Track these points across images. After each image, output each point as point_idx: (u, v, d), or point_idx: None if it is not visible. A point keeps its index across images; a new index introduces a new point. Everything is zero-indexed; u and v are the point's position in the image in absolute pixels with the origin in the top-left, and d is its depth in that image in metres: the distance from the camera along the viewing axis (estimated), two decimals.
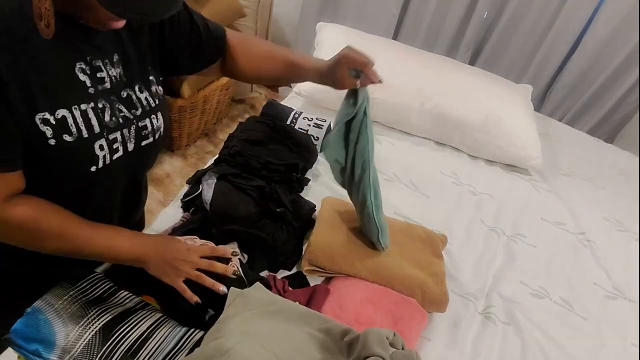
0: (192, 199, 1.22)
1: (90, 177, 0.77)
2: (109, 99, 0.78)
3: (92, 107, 0.75)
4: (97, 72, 0.77)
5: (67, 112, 0.71)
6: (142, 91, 0.85)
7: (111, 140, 0.78)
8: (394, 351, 0.80)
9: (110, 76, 0.79)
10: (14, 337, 0.79)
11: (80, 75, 0.74)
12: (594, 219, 1.65)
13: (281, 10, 3.00)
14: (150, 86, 0.87)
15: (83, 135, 0.73)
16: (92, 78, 0.76)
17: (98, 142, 0.76)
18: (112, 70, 0.79)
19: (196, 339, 0.86)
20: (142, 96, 0.84)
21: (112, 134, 0.78)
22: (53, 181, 0.77)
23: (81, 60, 0.74)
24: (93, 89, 0.75)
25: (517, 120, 1.80)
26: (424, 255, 1.22)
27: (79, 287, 0.89)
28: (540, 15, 2.40)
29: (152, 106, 0.86)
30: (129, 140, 0.82)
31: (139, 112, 0.84)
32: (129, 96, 0.82)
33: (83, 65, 0.74)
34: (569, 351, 1.16)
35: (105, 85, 0.78)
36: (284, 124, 1.52)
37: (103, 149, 0.77)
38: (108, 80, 0.78)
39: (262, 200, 1.24)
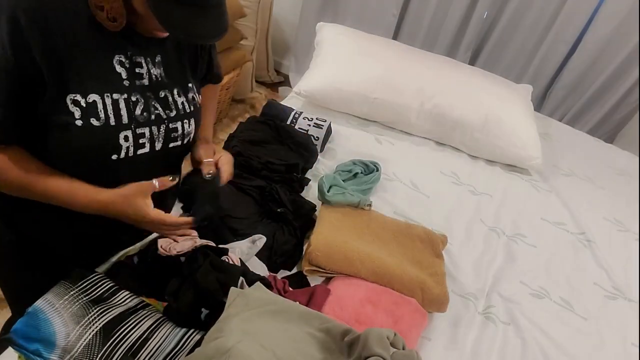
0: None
1: (111, 166, 0.79)
2: (145, 95, 0.81)
3: (125, 99, 0.77)
4: (136, 67, 0.79)
5: (99, 98, 0.74)
6: (180, 95, 0.87)
7: (138, 134, 0.80)
8: (394, 351, 0.80)
9: (151, 74, 0.82)
10: (15, 336, 0.79)
11: (117, 67, 0.77)
12: (594, 219, 1.65)
13: (281, 10, 3.00)
14: (188, 92, 0.90)
15: (110, 123, 0.76)
16: (130, 72, 0.78)
17: (124, 132, 0.78)
18: (153, 69, 0.82)
19: (196, 339, 0.86)
20: (179, 100, 0.87)
21: (140, 128, 0.80)
22: (74, 163, 0.78)
23: (121, 53, 0.77)
24: (128, 82, 0.78)
25: (517, 120, 1.80)
26: (424, 255, 1.22)
27: (80, 287, 0.89)
28: (540, 15, 2.41)
29: (187, 111, 0.89)
30: (157, 139, 0.84)
31: (173, 113, 0.86)
32: (166, 97, 0.85)
33: (122, 58, 0.77)
34: (569, 351, 1.16)
35: (144, 82, 0.81)
36: (284, 124, 1.52)
37: (128, 140, 0.79)
38: (147, 77, 0.81)
39: (262, 200, 1.24)
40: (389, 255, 1.17)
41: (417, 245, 1.24)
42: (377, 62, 1.81)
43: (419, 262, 1.19)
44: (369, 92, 1.73)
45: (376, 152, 1.63)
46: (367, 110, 1.78)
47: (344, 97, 1.75)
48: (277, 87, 3.22)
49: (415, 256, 1.20)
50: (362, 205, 1.28)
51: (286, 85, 3.21)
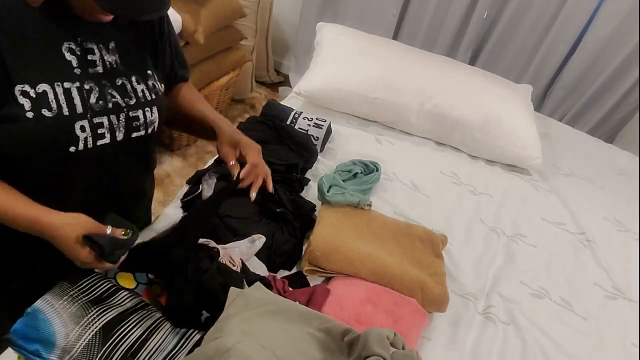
0: (192, 199, 1.21)
1: (71, 159, 0.76)
2: (100, 83, 0.78)
3: (77, 87, 0.74)
4: (88, 54, 0.76)
5: (49, 88, 0.71)
6: (139, 82, 0.84)
7: (96, 124, 0.77)
8: (394, 351, 0.80)
9: (105, 61, 0.79)
10: (14, 337, 0.79)
11: (66, 54, 0.74)
12: (594, 219, 1.65)
13: (281, 10, 3.00)
14: (148, 80, 0.86)
15: (63, 112, 0.73)
16: (81, 59, 0.75)
17: (80, 122, 0.75)
18: (107, 56, 0.79)
19: (196, 339, 0.86)
20: (138, 87, 0.84)
21: (97, 117, 0.77)
22: (31, 158, 0.76)
23: (71, 40, 0.74)
24: (80, 70, 0.75)
25: (517, 120, 1.80)
26: (424, 255, 1.22)
27: (79, 287, 0.89)
28: (540, 15, 2.41)
29: (148, 99, 0.85)
30: (117, 129, 0.81)
31: (133, 101, 0.83)
32: (124, 85, 0.82)
33: (72, 45, 0.74)
34: (569, 351, 1.16)
35: (97, 69, 0.78)
36: (284, 124, 1.52)
37: (85, 130, 0.76)
38: (100, 64, 0.78)
39: (262, 200, 1.24)
40: (389, 255, 1.17)
41: (417, 245, 1.24)
42: (377, 62, 1.81)
43: (419, 262, 1.19)
44: (369, 92, 1.73)
45: (376, 152, 1.62)
46: (367, 110, 1.77)
47: (344, 97, 1.74)
48: (277, 87, 3.22)
49: (415, 256, 1.20)
50: (362, 205, 1.28)
51: (286, 85, 3.21)
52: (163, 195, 2.19)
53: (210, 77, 2.30)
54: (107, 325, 0.83)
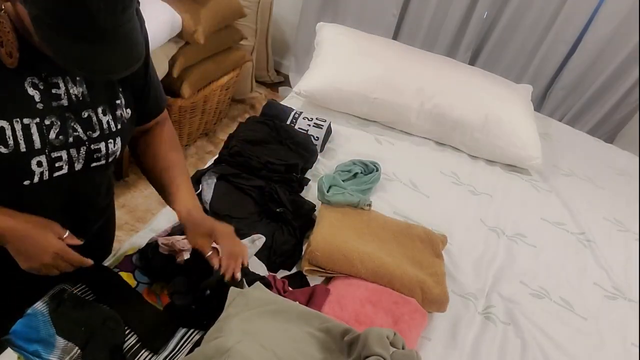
0: None
1: (24, 190, 0.75)
2: (63, 116, 0.76)
3: (37, 123, 0.72)
4: (53, 88, 0.74)
5: (7, 124, 0.69)
6: (105, 114, 0.82)
7: (54, 158, 0.75)
8: (394, 351, 0.80)
9: (70, 94, 0.76)
10: (14, 337, 0.79)
11: (29, 89, 0.71)
12: (594, 219, 1.65)
13: (281, 10, 3.00)
14: (116, 110, 0.84)
15: (20, 149, 0.71)
16: (45, 93, 0.73)
17: (36, 158, 0.73)
18: (72, 89, 0.77)
19: (196, 339, 0.86)
20: (104, 119, 0.81)
21: (56, 152, 0.75)
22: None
23: (34, 74, 0.72)
24: (42, 105, 0.73)
25: (517, 120, 1.80)
26: (424, 255, 1.22)
27: (78, 288, 0.89)
28: (540, 15, 2.41)
29: (112, 130, 0.83)
30: (76, 161, 0.79)
31: (96, 134, 0.80)
32: (90, 117, 0.79)
33: (35, 80, 0.72)
34: (569, 351, 1.16)
35: (62, 102, 0.75)
36: (284, 124, 1.52)
37: (41, 165, 0.74)
38: (65, 97, 0.76)
39: (262, 200, 1.24)
40: (388, 255, 1.17)
41: (417, 245, 1.24)
42: (377, 62, 1.81)
43: (419, 262, 1.19)
44: (369, 92, 1.73)
45: (376, 152, 1.62)
46: (367, 110, 1.77)
47: (344, 97, 1.74)
48: (277, 87, 3.22)
49: (415, 256, 1.20)
50: (362, 205, 1.28)
51: (286, 85, 3.20)
52: None
53: (210, 77, 2.30)
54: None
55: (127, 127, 0.87)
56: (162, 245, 0.97)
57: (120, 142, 0.85)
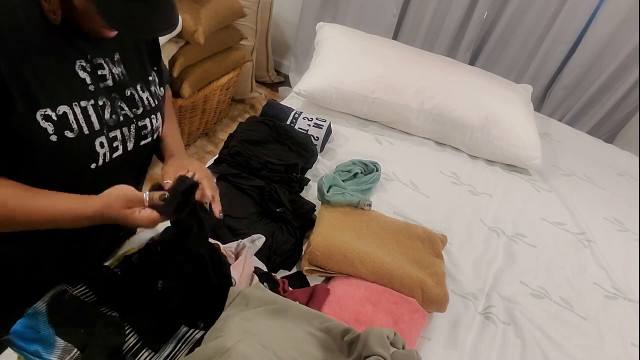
0: None
1: (90, 175, 0.77)
2: (110, 97, 0.79)
3: (92, 104, 0.75)
4: (99, 70, 0.77)
5: (68, 109, 0.72)
6: (143, 90, 0.85)
7: (111, 138, 0.78)
8: (394, 351, 0.80)
9: (113, 74, 0.79)
10: (14, 338, 0.79)
11: (80, 73, 0.74)
12: (594, 219, 1.65)
13: (281, 10, 3.00)
14: (150, 86, 0.87)
15: (84, 132, 0.73)
16: (93, 75, 0.76)
17: (99, 139, 0.76)
18: (114, 69, 0.80)
19: (196, 339, 0.86)
20: (144, 95, 0.85)
21: (112, 131, 0.78)
22: (52, 179, 0.76)
23: (81, 57, 0.74)
24: (93, 86, 0.76)
25: (517, 120, 1.80)
26: (424, 255, 1.22)
27: (79, 289, 0.89)
28: (540, 15, 2.41)
29: (153, 106, 0.86)
30: (128, 140, 0.82)
31: (140, 111, 0.84)
32: (132, 95, 0.83)
33: (83, 63, 0.75)
34: (569, 351, 1.16)
35: (107, 83, 0.78)
36: (284, 124, 1.52)
37: (104, 146, 0.77)
38: (110, 78, 0.79)
39: (262, 200, 1.24)
40: (388, 255, 1.17)
41: (417, 245, 1.24)
42: (377, 62, 1.81)
43: (419, 262, 1.19)
44: (369, 92, 1.73)
45: (376, 152, 1.62)
46: (367, 110, 1.78)
47: (344, 97, 1.75)
48: (277, 87, 3.22)
49: (415, 256, 1.20)
50: (362, 205, 1.28)
51: (286, 85, 3.21)
52: None
53: (210, 77, 2.30)
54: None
55: (162, 103, 0.91)
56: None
57: (161, 117, 0.89)
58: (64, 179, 0.77)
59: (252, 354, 0.73)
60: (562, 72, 2.51)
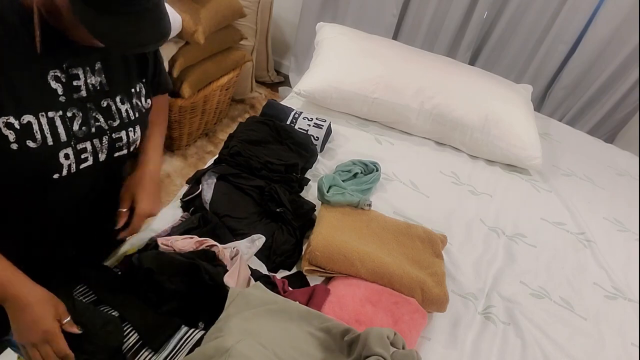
0: (192, 199, 1.22)
1: (52, 183, 0.76)
2: (84, 107, 0.77)
3: (60, 116, 0.74)
4: (74, 80, 0.75)
5: (33, 118, 0.70)
6: (123, 102, 0.83)
7: (79, 150, 0.77)
8: (394, 351, 0.80)
9: (88, 84, 0.77)
10: (14, 338, 0.79)
11: (52, 83, 0.73)
12: (594, 219, 1.65)
13: (281, 10, 3.00)
14: (132, 98, 0.85)
15: (47, 143, 0.72)
16: (66, 86, 0.74)
17: (64, 150, 0.74)
18: (91, 78, 0.78)
19: (196, 339, 0.86)
20: (122, 107, 0.83)
21: (81, 143, 0.77)
22: (11, 183, 0.75)
23: (56, 67, 0.73)
24: (64, 97, 0.74)
25: (517, 120, 1.80)
26: (424, 255, 1.22)
27: (79, 290, 0.89)
28: (540, 15, 2.41)
29: (132, 119, 0.85)
30: (100, 151, 0.81)
31: (117, 123, 0.82)
32: (109, 106, 0.81)
33: (58, 73, 0.73)
34: (569, 351, 1.16)
35: (81, 94, 0.77)
36: (284, 124, 1.52)
37: (69, 157, 0.75)
38: (84, 89, 0.77)
39: (262, 200, 1.24)
40: (388, 255, 1.17)
41: (417, 245, 1.24)
42: (377, 62, 1.81)
43: (419, 262, 1.19)
44: (369, 92, 1.73)
45: (376, 152, 1.62)
46: (367, 110, 1.77)
47: (344, 97, 1.74)
48: (277, 87, 3.22)
49: (415, 256, 1.20)
50: (362, 205, 1.28)
51: (286, 85, 3.21)
52: (163, 195, 2.19)
53: (210, 77, 2.30)
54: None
55: (145, 116, 0.89)
56: (162, 246, 0.97)
57: (140, 130, 0.87)
58: (26, 186, 0.76)
59: (252, 354, 0.73)
60: (562, 72, 2.51)
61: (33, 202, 0.78)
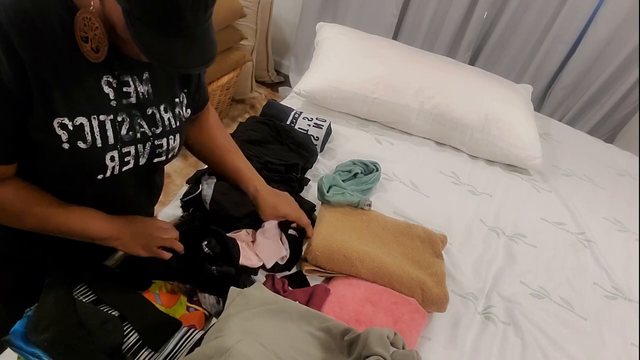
0: (192, 199, 1.21)
1: (96, 183, 0.79)
2: (131, 113, 0.80)
3: (111, 119, 0.76)
4: (124, 87, 0.78)
5: (86, 121, 0.73)
6: (167, 111, 0.86)
7: (124, 153, 0.79)
8: (394, 350, 0.80)
9: (138, 92, 0.80)
10: (14, 338, 0.79)
11: (105, 88, 0.75)
12: (594, 219, 1.65)
13: (281, 10, 3.00)
14: (175, 107, 0.88)
15: (97, 145, 0.75)
16: (117, 91, 0.77)
17: (110, 153, 0.77)
18: (140, 87, 0.81)
19: (196, 339, 0.86)
20: (165, 116, 0.86)
21: (126, 147, 0.79)
22: (57, 179, 0.78)
23: (109, 73, 0.75)
24: (115, 102, 0.77)
25: (517, 120, 1.80)
26: (424, 255, 1.22)
27: (79, 290, 0.89)
28: (540, 15, 2.41)
29: (173, 127, 0.88)
30: (142, 156, 0.83)
31: (159, 130, 0.85)
32: (153, 114, 0.84)
33: (110, 79, 0.76)
34: (569, 351, 1.16)
35: (131, 100, 0.79)
36: (284, 124, 1.52)
37: (114, 160, 0.78)
38: (134, 96, 0.80)
39: None
40: (388, 255, 1.17)
41: (417, 245, 1.24)
42: (377, 62, 1.81)
43: (419, 262, 1.19)
44: (369, 92, 1.73)
45: (376, 152, 1.62)
46: (367, 110, 1.78)
47: (344, 97, 1.75)
48: (277, 87, 3.23)
49: (415, 256, 1.20)
50: (362, 205, 1.28)
51: (286, 85, 3.21)
52: (163, 195, 2.18)
53: (210, 77, 2.30)
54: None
55: (184, 125, 0.92)
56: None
57: (179, 138, 0.90)
58: (69, 184, 0.79)
59: (252, 354, 0.73)
60: (562, 72, 2.51)
61: (71, 198, 0.81)
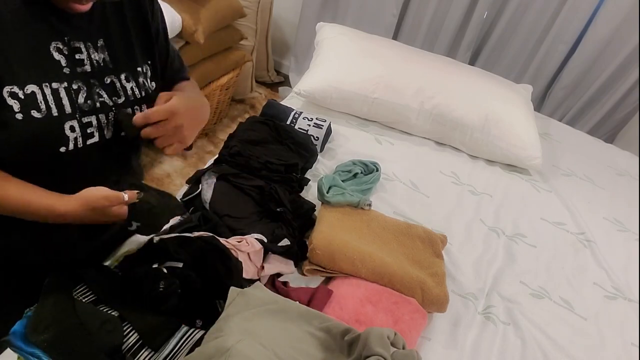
0: (192, 199, 1.22)
1: (61, 159, 0.76)
2: (88, 82, 0.78)
3: (65, 87, 0.74)
4: (76, 54, 0.76)
5: (37, 88, 0.71)
6: (128, 80, 0.84)
7: (85, 124, 0.77)
8: (394, 351, 0.80)
9: (92, 59, 0.78)
10: (13, 338, 0.79)
11: (55, 54, 0.73)
12: (594, 219, 1.65)
13: (281, 10, 3.00)
14: (138, 77, 0.86)
15: (52, 114, 0.72)
16: (69, 58, 0.75)
17: (69, 122, 0.75)
18: (94, 54, 0.78)
19: (196, 339, 0.86)
20: (128, 85, 0.83)
21: (86, 117, 0.77)
22: (20, 159, 0.75)
23: (58, 39, 0.73)
24: (69, 69, 0.75)
25: (517, 120, 1.80)
26: (424, 255, 1.22)
27: (79, 290, 0.89)
28: (540, 15, 2.41)
29: (137, 97, 0.85)
30: (106, 127, 0.81)
31: (122, 100, 0.82)
32: (113, 83, 0.81)
33: (60, 45, 0.74)
34: (569, 351, 1.16)
35: (85, 68, 0.77)
36: (284, 124, 1.52)
37: (74, 130, 0.76)
38: (88, 63, 0.78)
39: (262, 200, 1.24)
40: (389, 255, 1.17)
41: (417, 245, 1.24)
42: (377, 62, 1.81)
43: (419, 262, 1.19)
44: (369, 92, 1.73)
45: (376, 152, 1.62)
46: (367, 110, 1.77)
47: (344, 97, 1.75)
48: (277, 87, 3.22)
49: (415, 256, 1.20)
50: (362, 205, 1.28)
51: (286, 85, 3.21)
52: None
53: (210, 77, 2.30)
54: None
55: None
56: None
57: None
58: (34, 162, 0.76)
59: (252, 354, 0.73)
60: (562, 72, 2.51)
61: (42, 181, 0.78)
